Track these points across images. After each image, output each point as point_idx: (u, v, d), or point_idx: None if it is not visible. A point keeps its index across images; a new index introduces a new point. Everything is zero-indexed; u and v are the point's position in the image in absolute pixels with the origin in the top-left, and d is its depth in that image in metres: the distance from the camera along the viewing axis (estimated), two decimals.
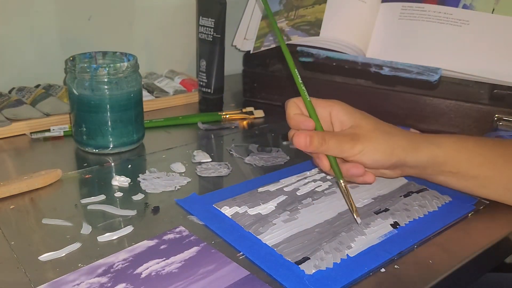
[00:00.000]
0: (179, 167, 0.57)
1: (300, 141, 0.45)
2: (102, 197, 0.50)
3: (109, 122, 0.59)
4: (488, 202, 0.50)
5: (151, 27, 0.88)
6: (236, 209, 0.47)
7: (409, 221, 0.46)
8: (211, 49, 0.76)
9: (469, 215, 0.49)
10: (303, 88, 0.48)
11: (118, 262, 0.39)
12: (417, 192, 0.52)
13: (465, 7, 0.67)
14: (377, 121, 0.48)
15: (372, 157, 0.45)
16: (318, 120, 0.47)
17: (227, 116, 0.75)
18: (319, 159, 0.47)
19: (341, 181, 0.46)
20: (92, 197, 0.50)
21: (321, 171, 0.55)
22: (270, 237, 0.43)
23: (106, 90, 0.57)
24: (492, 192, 0.49)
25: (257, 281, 0.37)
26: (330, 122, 0.48)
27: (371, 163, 0.46)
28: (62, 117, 0.68)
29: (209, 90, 0.79)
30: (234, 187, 0.52)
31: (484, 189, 0.49)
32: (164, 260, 0.39)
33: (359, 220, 0.44)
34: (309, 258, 0.40)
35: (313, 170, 0.56)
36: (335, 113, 0.47)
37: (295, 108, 0.48)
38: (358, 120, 0.47)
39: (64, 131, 0.65)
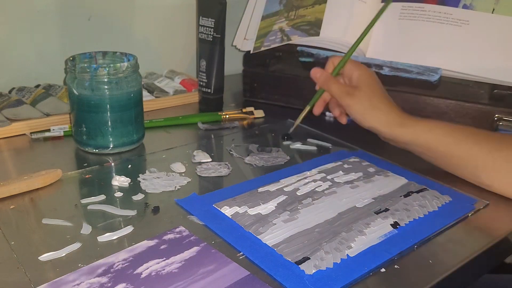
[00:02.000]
0: (179, 167, 0.57)
1: (314, 70, 0.63)
2: (102, 197, 0.50)
3: (109, 122, 0.59)
4: (488, 202, 0.50)
5: (151, 27, 0.88)
6: (236, 209, 0.47)
7: (409, 221, 0.46)
8: (211, 49, 0.76)
9: (469, 215, 0.49)
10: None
11: (118, 262, 0.39)
12: (417, 192, 0.52)
13: (465, 7, 0.68)
14: (375, 93, 0.59)
15: (354, 115, 0.59)
16: (338, 69, 0.62)
17: (227, 116, 0.75)
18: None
19: (308, 107, 0.63)
20: (92, 197, 0.50)
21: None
22: (270, 237, 0.43)
23: (106, 90, 0.57)
24: (465, 172, 0.54)
25: (257, 281, 0.37)
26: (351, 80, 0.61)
27: (353, 118, 0.60)
28: (62, 117, 0.68)
29: (209, 90, 0.79)
30: (234, 187, 0.52)
31: (453, 167, 0.55)
32: (164, 260, 0.39)
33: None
34: (309, 258, 0.40)
35: (313, 170, 0.56)
36: (354, 77, 0.60)
37: (330, 66, 0.63)
38: (364, 84, 0.59)
39: (64, 131, 0.65)
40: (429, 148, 0.55)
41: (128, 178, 0.53)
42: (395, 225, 0.45)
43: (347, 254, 0.41)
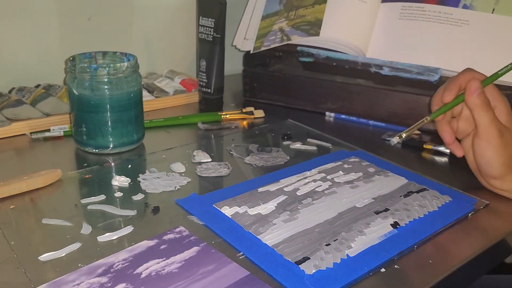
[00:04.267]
0: (179, 167, 0.57)
1: (474, 84, 0.49)
2: (102, 197, 0.50)
3: (109, 122, 0.59)
4: (488, 202, 0.50)
5: (151, 27, 0.88)
6: (236, 209, 0.47)
7: (409, 221, 0.46)
8: (211, 49, 0.76)
9: (469, 215, 0.49)
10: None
11: (118, 262, 0.39)
12: (417, 192, 0.52)
13: (465, 7, 0.68)
14: None
15: (490, 158, 0.49)
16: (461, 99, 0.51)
17: (227, 116, 0.74)
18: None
19: (428, 118, 0.52)
20: (92, 197, 0.50)
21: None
22: (270, 237, 0.43)
23: (106, 90, 0.57)
24: None
25: (257, 281, 0.37)
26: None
27: (485, 162, 0.50)
28: (62, 117, 0.68)
29: (209, 90, 0.79)
30: (234, 187, 0.52)
31: None
32: (164, 260, 0.39)
33: (396, 140, 0.50)
34: (309, 258, 0.40)
35: (313, 170, 0.56)
36: (498, 108, 0.50)
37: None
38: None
39: (64, 131, 0.65)
40: None
41: (128, 178, 0.53)
42: (395, 225, 0.45)
43: (347, 254, 0.41)
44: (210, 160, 0.59)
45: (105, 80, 0.57)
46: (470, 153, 0.53)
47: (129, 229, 0.44)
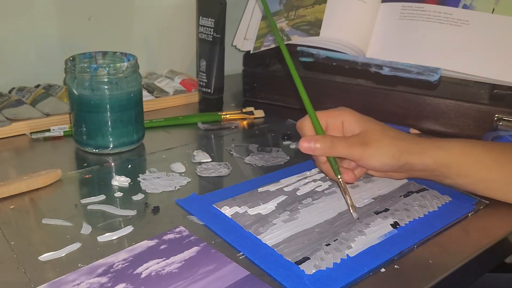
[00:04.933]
0: (179, 167, 0.57)
1: (304, 144, 0.47)
2: (102, 197, 0.50)
3: (109, 122, 0.59)
4: (488, 202, 0.50)
5: (151, 27, 0.88)
6: (236, 209, 0.47)
7: (409, 221, 0.46)
8: (211, 49, 0.76)
9: (469, 215, 0.49)
10: (307, 99, 0.49)
11: (118, 262, 0.39)
12: (417, 192, 0.52)
13: (465, 7, 0.67)
14: (384, 126, 0.50)
15: (381, 160, 0.47)
16: (320, 127, 0.49)
17: (227, 116, 0.74)
18: (317, 159, 0.50)
19: (339, 177, 0.48)
20: (92, 197, 0.50)
21: (321, 171, 0.55)
22: (270, 237, 0.43)
23: (106, 90, 0.57)
24: (501, 194, 0.50)
25: (257, 281, 0.37)
26: (341, 130, 0.51)
27: (380, 166, 0.48)
28: (62, 117, 0.68)
29: (209, 90, 0.79)
30: (234, 187, 0.52)
31: (493, 192, 0.50)
32: (164, 260, 0.39)
33: (355, 215, 0.46)
34: (309, 258, 0.40)
35: (313, 170, 0.56)
36: (347, 122, 0.50)
37: (309, 129, 0.50)
38: (367, 126, 0.49)
39: (64, 131, 0.65)
40: (467, 173, 0.48)
41: (128, 178, 0.53)
42: (395, 225, 0.45)
43: (347, 254, 0.41)
44: (210, 160, 0.59)
45: (105, 80, 0.57)
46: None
47: (129, 229, 0.44)
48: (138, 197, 0.50)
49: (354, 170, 0.50)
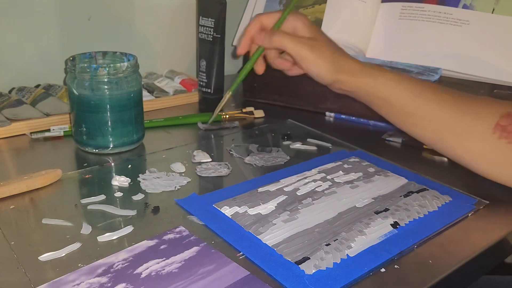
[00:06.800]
0: (179, 167, 0.57)
1: (252, 30, 0.55)
2: (102, 197, 0.50)
3: (109, 122, 0.59)
4: (488, 202, 0.50)
5: (151, 27, 0.88)
6: (236, 209, 0.47)
7: (409, 221, 0.46)
8: (211, 49, 0.76)
9: (469, 215, 0.49)
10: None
11: (118, 262, 0.39)
12: (417, 192, 0.52)
13: (465, 7, 0.68)
14: (331, 40, 0.55)
15: (316, 70, 0.53)
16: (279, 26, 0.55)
17: (227, 116, 0.75)
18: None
19: (229, 92, 0.56)
20: (92, 197, 0.50)
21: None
22: (270, 237, 0.43)
23: (106, 90, 0.57)
24: (423, 133, 0.53)
25: (257, 281, 0.37)
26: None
27: (315, 75, 0.54)
28: (62, 117, 0.68)
29: (209, 90, 0.79)
30: (234, 187, 0.52)
31: (417, 128, 0.54)
32: (164, 260, 0.39)
33: (202, 126, 0.53)
34: (309, 258, 0.40)
35: (313, 170, 0.56)
36: (299, 27, 0.54)
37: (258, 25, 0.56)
38: (316, 34, 0.54)
39: (64, 131, 0.65)
40: (392, 104, 0.53)
41: (128, 178, 0.53)
42: (395, 225, 0.45)
43: (347, 254, 0.41)
44: (210, 160, 0.59)
45: (105, 80, 0.57)
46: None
47: (129, 229, 0.44)
48: (138, 197, 0.50)
49: (292, 68, 0.57)
